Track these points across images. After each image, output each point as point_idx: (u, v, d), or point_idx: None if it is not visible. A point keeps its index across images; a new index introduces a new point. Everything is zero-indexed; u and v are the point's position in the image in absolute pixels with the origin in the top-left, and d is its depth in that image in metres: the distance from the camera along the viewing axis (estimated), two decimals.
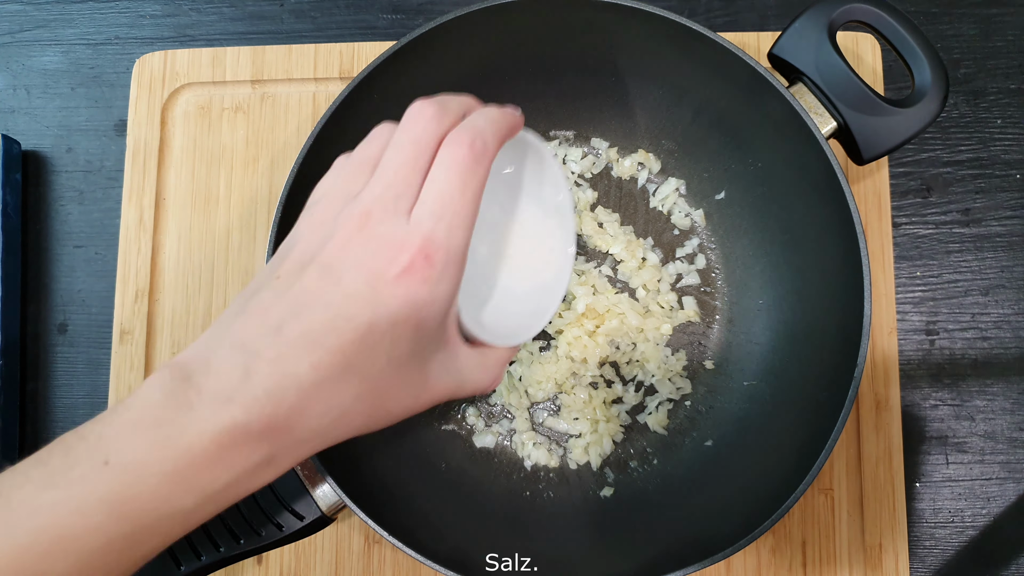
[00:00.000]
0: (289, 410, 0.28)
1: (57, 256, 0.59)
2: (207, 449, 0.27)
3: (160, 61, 0.59)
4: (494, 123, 0.33)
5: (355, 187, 0.32)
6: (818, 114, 0.46)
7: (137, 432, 0.27)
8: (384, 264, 0.29)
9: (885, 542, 0.52)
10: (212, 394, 0.27)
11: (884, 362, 0.54)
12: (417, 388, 0.32)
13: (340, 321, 0.28)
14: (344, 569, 0.53)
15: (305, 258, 0.30)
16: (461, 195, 0.30)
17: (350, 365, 0.29)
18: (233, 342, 0.29)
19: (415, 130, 0.31)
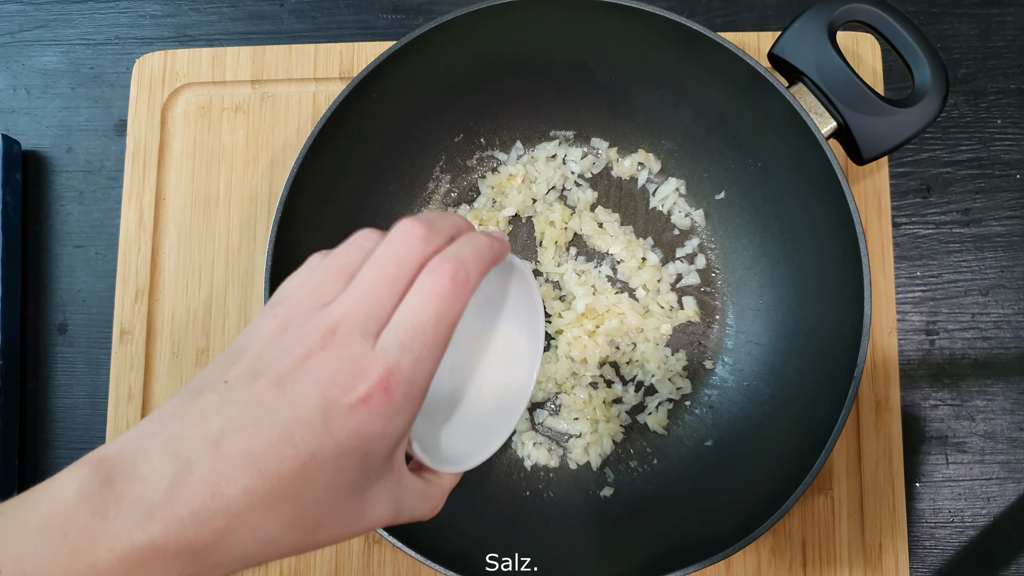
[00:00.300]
0: (212, 534, 0.26)
1: (57, 256, 0.59)
2: (115, 569, 0.24)
3: (160, 61, 0.59)
4: (479, 254, 0.31)
5: (326, 295, 0.30)
6: (818, 114, 0.46)
7: (42, 540, 0.24)
8: (341, 390, 0.27)
9: (885, 542, 0.52)
10: (132, 505, 0.25)
11: (884, 362, 0.54)
12: (352, 518, 0.30)
13: (283, 446, 0.26)
14: (344, 569, 0.53)
15: (259, 365, 0.28)
16: (434, 328, 0.29)
17: (285, 493, 0.27)
18: (166, 446, 0.26)
19: (400, 250, 0.30)
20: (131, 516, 0.25)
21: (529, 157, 0.57)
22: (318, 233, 0.49)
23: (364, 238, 0.32)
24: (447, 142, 0.56)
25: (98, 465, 0.26)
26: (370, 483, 0.30)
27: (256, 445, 0.26)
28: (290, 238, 0.47)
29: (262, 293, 0.51)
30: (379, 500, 0.31)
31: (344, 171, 0.51)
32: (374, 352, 0.28)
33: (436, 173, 0.57)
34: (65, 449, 0.57)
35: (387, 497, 0.31)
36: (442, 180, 0.57)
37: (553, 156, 0.57)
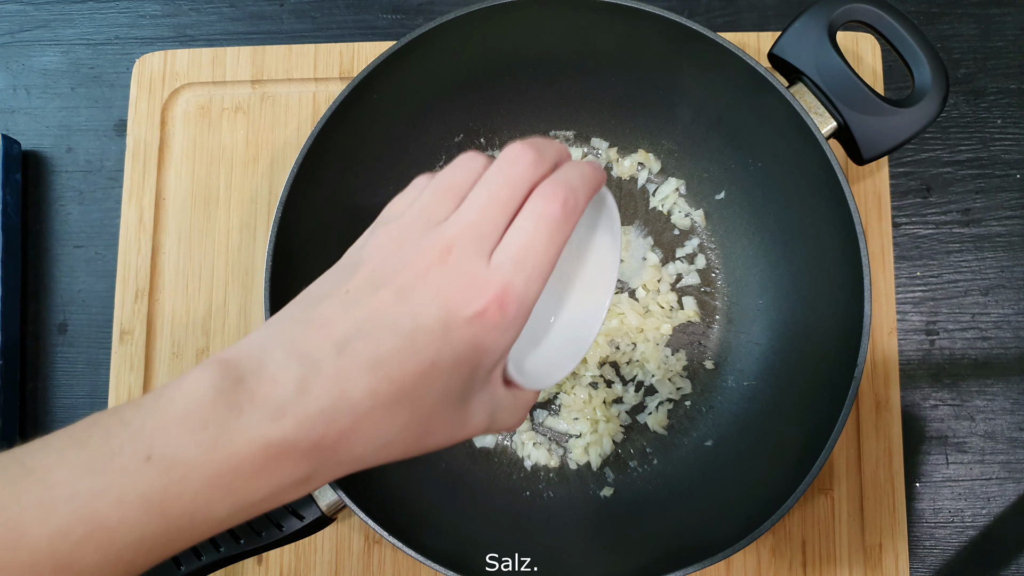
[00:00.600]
0: (339, 433, 0.27)
1: (57, 256, 0.59)
2: (253, 459, 0.26)
3: (160, 61, 0.59)
4: (586, 181, 0.32)
5: (438, 214, 0.31)
6: (818, 114, 0.46)
7: (184, 430, 0.26)
8: (460, 303, 0.29)
9: (885, 542, 0.52)
10: (265, 402, 0.27)
11: (884, 362, 0.54)
12: (457, 424, 0.32)
13: (406, 352, 0.28)
14: (344, 569, 0.53)
15: (379, 277, 0.29)
16: (545, 249, 0.30)
17: (405, 396, 0.28)
18: (292, 349, 0.28)
19: (512, 172, 0.31)
20: (264, 413, 0.26)
21: None
22: (318, 233, 0.49)
23: (471, 159, 0.32)
24: (447, 142, 0.56)
25: (226, 367, 0.27)
26: (475, 392, 0.32)
27: (381, 350, 0.28)
28: (290, 238, 0.47)
29: (262, 293, 0.51)
30: (480, 409, 0.32)
31: (344, 171, 0.51)
32: (489, 269, 0.29)
33: None
34: None
35: (485, 407, 0.33)
36: None
37: None
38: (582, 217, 0.38)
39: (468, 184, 0.32)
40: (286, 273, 0.46)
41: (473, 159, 0.32)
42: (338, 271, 0.31)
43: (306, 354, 0.27)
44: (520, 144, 0.31)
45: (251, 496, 0.27)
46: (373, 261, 0.30)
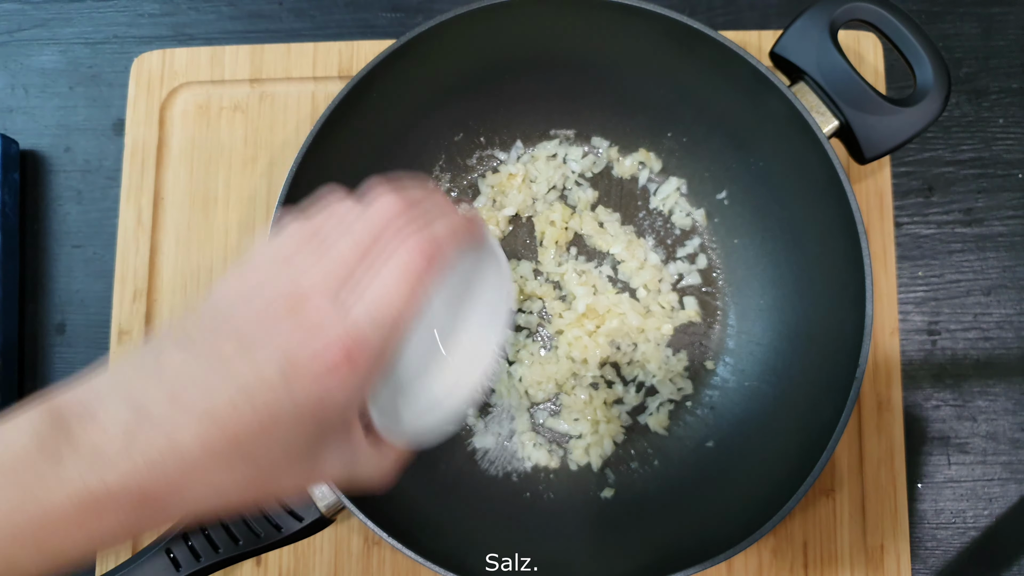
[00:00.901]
0: (167, 485, 0.26)
1: (55, 256, 0.59)
2: (67, 512, 0.24)
3: (158, 60, 0.59)
4: (454, 233, 0.31)
5: (296, 261, 0.30)
6: (820, 113, 0.46)
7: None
8: (306, 357, 0.27)
9: (887, 543, 0.52)
10: (88, 451, 0.25)
11: (886, 362, 0.54)
12: (305, 476, 0.31)
13: (243, 405, 0.26)
14: (343, 570, 0.53)
15: (225, 325, 0.28)
16: (404, 303, 0.29)
17: (242, 451, 0.27)
18: (125, 396, 0.26)
19: (375, 222, 0.30)
20: (86, 462, 0.25)
21: (529, 156, 0.57)
22: None
23: (339, 205, 0.31)
24: (447, 141, 0.56)
25: (53, 413, 0.26)
26: (325, 444, 0.30)
27: (216, 402, 0.26)
28: None
29: None
30: (332, 460, 0.31)
31: (343, 170, 0.50)
32: (342, 321, 0.28)
33: (436, 172, 0.57)
34: None
35: (340, 458, 0.31)
36: (442, 179, 0.57)
37: (553, 155, 0.57)
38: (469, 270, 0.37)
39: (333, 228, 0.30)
40: None
41: (340, 203, 0.31)
42: (185, 319, 0.29)
43: (137, 402, 0.26)
44: (388, 192, 0.31)
45: (64, 550, 0.25)
46: (221, 307, 0.29)
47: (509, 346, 0.38)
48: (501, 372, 0.55)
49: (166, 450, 0.25)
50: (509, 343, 0.38)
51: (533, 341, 0.55)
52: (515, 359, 0.55)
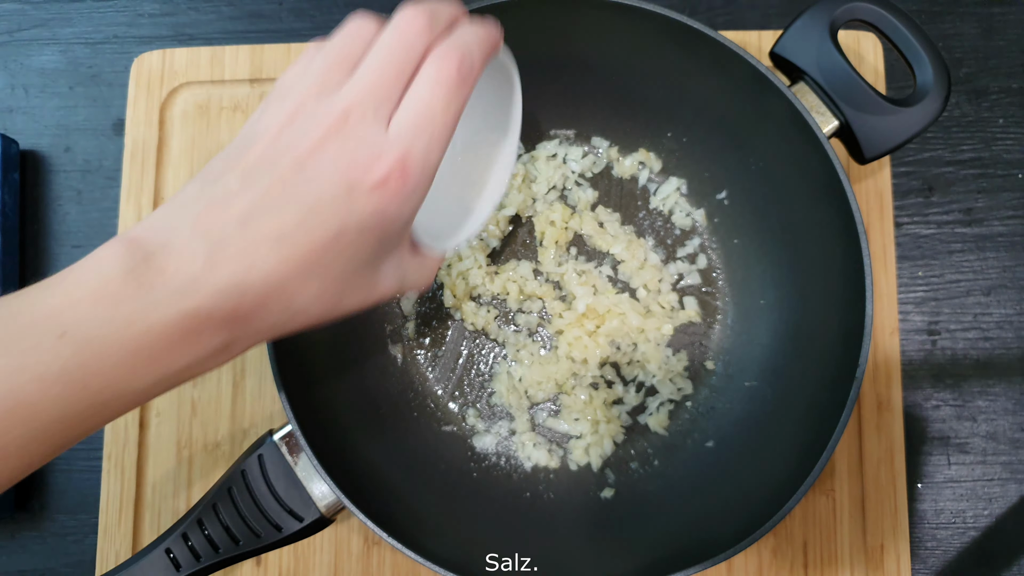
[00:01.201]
0: (252, 303, 0.28)
1: (55, 256, 0.59)
2: (170, 332, 0.27)
3: (158, 60, 0.59)
4: (482, 43, 0.32)
5: (331, 83, 0.30)
6: (820, 113, 0.46)
7: (96, 307, 0.26)
8: (361, 172, 0.29)
9: (887, 543, 0.52)
10: (176, 278, 0.27)
11: (886, 362, 0.54)
12: (369, 287, 0.33)
13: (312, 222, 0.28)
14: (343, 570, 0.53)
15: (275, 151, 0.29)
16: (443, 113, 0.30)
17: (315, 266, 0.29)
18: (196, 228, 0.28)
19: (405, 37, 0.30)
20: (175, 287, 0.27)
21: (529, 156, 0.57)
22: None
23: (361, 27, 0.32)
24: None
25: (133, 245, 0.28)
26: (384, 257, 0.32)
27: (286, 222, 0.28)
28: None
29: None
30: (389, 272, 0.33)
31: None
32: (388, 136, 0.29)
33: None
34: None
35: (395, 270, 0.34)
36: None
37: (553, 155, 0.57)
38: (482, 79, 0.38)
39: (360, 50, 0.31)
40: None
41: (363, 24, 0.32)
42: (234, 148, 0.30)
43: (211, 231, 0.28)
44: (413, 7, 0.31)
45: (171, 367, 0.28)
46: (269, 134, 0.30)
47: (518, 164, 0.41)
48: (502, 372, 0.55)
49: (248, 271, 0.28)
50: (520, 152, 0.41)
51: (533, 341, 0.55)
52: (515, 359, 0.55)
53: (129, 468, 0.54)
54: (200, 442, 0.54)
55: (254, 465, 0.44)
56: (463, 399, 0.55)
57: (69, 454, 0.56)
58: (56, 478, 0.56)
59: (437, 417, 0.54)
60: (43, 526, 0.56)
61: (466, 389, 0.55)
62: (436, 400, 0.55)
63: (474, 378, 0.55)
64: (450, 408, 0.55)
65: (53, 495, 0.56)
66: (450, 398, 0.55)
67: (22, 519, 0.56)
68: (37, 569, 0.55)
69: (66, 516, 0.56)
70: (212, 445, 0.54)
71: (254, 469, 0.44)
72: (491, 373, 0.55)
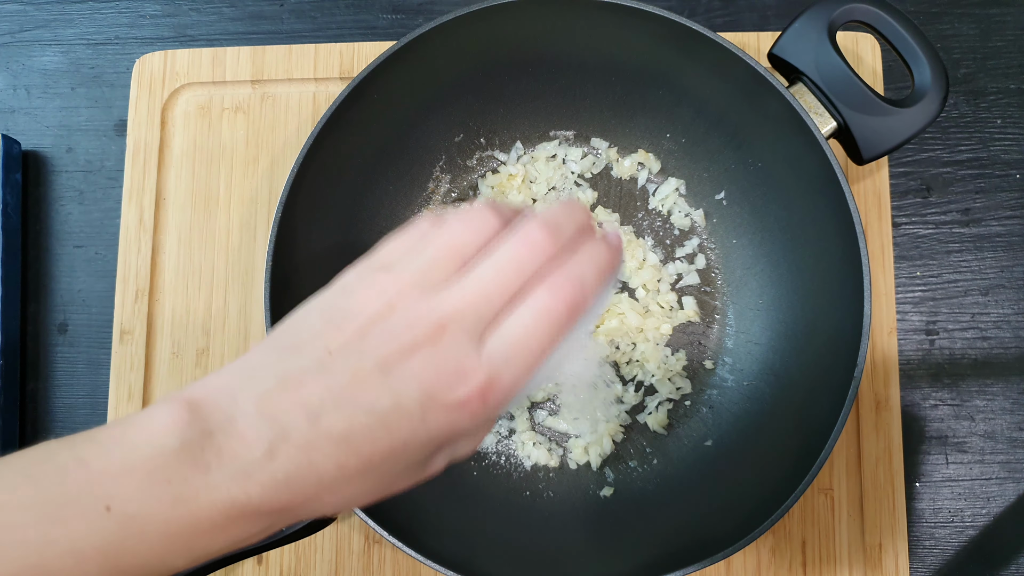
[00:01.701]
0: (303, 499, 0.28)
1: (57, 256, 0.59)
2: (215, 519, 0.26)
3: (160, 61, 0.59)
4: (601, 272, 0.31)
5: (436, 280, 0.29)
6: (818, 114, 0.46)
7: (147, 482, 0.25)
8: (443, 389, 0.28)
9: (885, 542, 0.52)
10: (232, 462, 0.26)
11: (884, 362, 0.54)
12: (420, 475, 0.32)
13: (380, 431, 0.28)
14: (344, 569, 0.53)
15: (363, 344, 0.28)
16: (540, 346, 0.29)
17: (374, 469, 0.28)
18: (263, 408, 0.27)
19: (522, 253, 0.29)
20: (230, 474, 0.26)
21: (529, 157, 0.57)
22: (318, 233, 0.49)
23: (484, 218, 0.30)
24: (447, 142, 0.56)
25: (193, 412, 0.27)
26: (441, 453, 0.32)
27: (355, 427, 0.27)
28: (290, 238, 0.47)
29: (262, 293, 0.51)
30: (442, 460, 0.32)
31: (344, 171, 0.51)
32: (479, 358, 0.28)
33: (436, 173, 0.57)
34: None
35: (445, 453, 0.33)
36: (442, 180, 0.57)
37: (553, 156, 0.57)
38: None
39: (474, 247, 0.30)
40: (286, 273, 0.46)
41: (485, 218, 0.30)
42: (320, 318, 0.29)
43: (277, 417, 0.27)
44: (537, 224, 0.30)
45: (208, 550, 0.27)
46: (359, 321, 0.28)
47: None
48: None
49: (305, 469, 0.27)
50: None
51: None
52: None
53: None
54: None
55: None
56: None
57: None
58: None
59: None
60: None
61: None
62: None
63: None
64: None
65: None
66: None
67: None
68: None
69: None
70: None
71: None
72: None
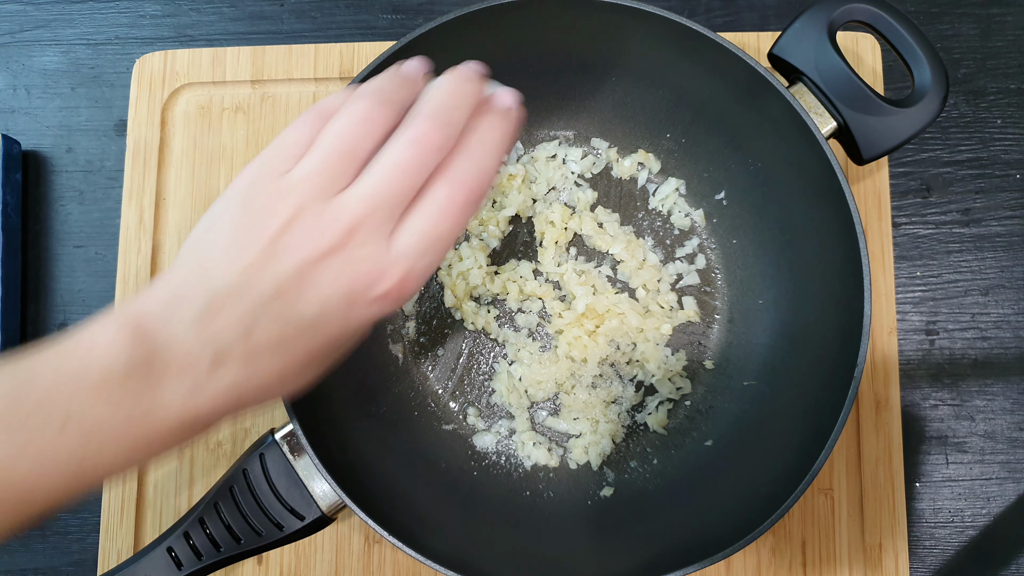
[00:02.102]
0: (250, 401, 0.30)
1: (57, 256, 0.59)
2: (169, 429, 0.28)
3: (160, 61, 0.59)
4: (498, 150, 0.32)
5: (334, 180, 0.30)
6: (818, 114, 0.46)
7: (100, 401, 0.27)
8: (363, 288, 0.30)
9: (885, 542, 0.52)
10: (178, 379, 0.28)
11: (884, 362, 0.54)
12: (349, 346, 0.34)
13: (309, 334, 0.30)
14: (344, 569, 0.53)
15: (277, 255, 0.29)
16: (449, 234, 0.31)
17: (310, 365, 0.31)
18: (199, 330, 0.29)
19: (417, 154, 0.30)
20: (179, 389, 0.28)
21: (529, 157, 0.57)
22: None
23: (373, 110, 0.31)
24: None
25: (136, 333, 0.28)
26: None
27: (286, 335, 0.29)
28: None
29: None
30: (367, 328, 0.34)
31: None
32: (391, 254, 0.30)
33: None
34: None
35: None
36: None
37: (553, 156, 0.57)
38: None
39: (368, 145, 0.30)
40: None
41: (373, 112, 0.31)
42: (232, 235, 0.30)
43: (214, 337, 0.29)
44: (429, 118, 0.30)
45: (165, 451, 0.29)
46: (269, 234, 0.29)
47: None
48: (502, 371, 0.55)
49: (247, 378, 0.29)
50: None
51: (533, 341, 0.55)
52: (515, 359, 0.55)
53: None
54: (201, 441, 0.55)
55: (255, 464, 0.44)
56: (463, 398, 0.55)
57: None
58: None
59: (437, 416, 0.55)
60: (45, 524, 0.56)
61: (466, 388, 0.55)
62: (436, 399, 0.55)
63: (474, 377, 0.55)
64: (450, 407, 0.55)
65: None
66: (450, 397, 0.55)
67: None
68: (39, 568, 0.55)
69: (68, 514, 0.56)
70: (214, 444, 0.55)
71: (255, 468, 0.44)
72: (491, 372, 0.55)
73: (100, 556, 0.53)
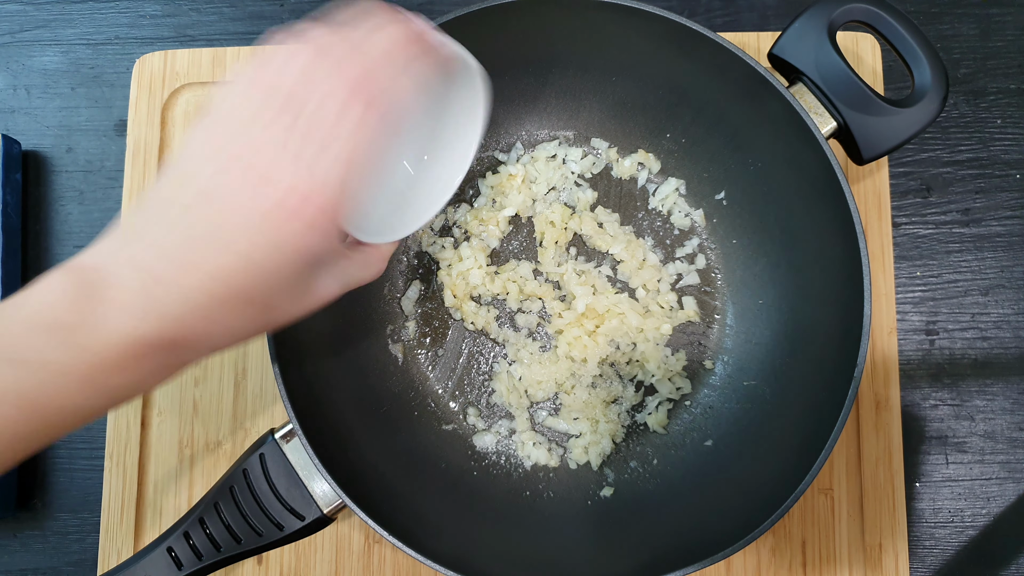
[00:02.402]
0: (190, 331, 0.31)
1: (57, 256, 0.59)
2: (116, 356, 0.29)
3: (160, 61, 0.59)
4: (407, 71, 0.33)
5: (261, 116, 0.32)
6: (818, 114, 0.46)
7: (43, 332, 0.28)
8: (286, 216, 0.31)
9: (885, 542, 0.52)
10: (120, 306, 0.29)
11: (884, 362, 0.54)
12: (303, 299, 0.35)
13: (242, 265, 0.31)
14: (344, 569, 0.53)
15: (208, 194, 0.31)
16: (366, 150, 0.32)
17: (245, 295, 0.31)
18: (133, 262, 0.30)
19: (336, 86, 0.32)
20: (118, 316, 0.29)
21: (529, 157, 0.57)
22: None
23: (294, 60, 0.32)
24: None
25: (76, 274, 0.30)
26: (317, 271, 0.35)
27: (221, 264, 0.31)
28: None
29: None
30: (326, 280, 0.36)
31: None
32: (313, 180, 0.31)
33: None
34: (65, 449, 0.57)
35: (333, 276, 0.36)
36: None
37: (553, 156, 0.57)
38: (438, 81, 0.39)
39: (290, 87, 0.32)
40: None
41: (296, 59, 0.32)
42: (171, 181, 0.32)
43: (146, 266, 0.30)
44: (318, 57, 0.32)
45: (118, 387, 0.30)
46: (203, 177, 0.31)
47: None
48: (502, 371, 0.55)
49: (182, 304, 0.30)
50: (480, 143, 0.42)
51: (533, 341, 0.55)
52: (515, 359, 0.55)
53: (131, 467, 0.54)
54: (202, 441, 0.55)
55: (255, 464, 0.44)
56: (463, 398, 0.55)
57: (71, 452, 0.56)
58: (58, 477, 0.56)
59: (437, 416, 0.55)
60: (45, 525, 0.56)
61: (466, 388, 0.55)
62: (436, 399, 0.55)
63: (474, 377, 0.55)
64: (450, 407, 0.55)
65: (55, 494, 0.56)
66: (450, 397, 0.55)
67: (24, 518, 0.56)
68: (39, 568, 0.55)
69: (68, 515, 0.56)
70: (214, 444, 0.55)
71: (255, 468, 0.44)
72: (491, 372, 0.55)
73: (100, 556, 0.53)
